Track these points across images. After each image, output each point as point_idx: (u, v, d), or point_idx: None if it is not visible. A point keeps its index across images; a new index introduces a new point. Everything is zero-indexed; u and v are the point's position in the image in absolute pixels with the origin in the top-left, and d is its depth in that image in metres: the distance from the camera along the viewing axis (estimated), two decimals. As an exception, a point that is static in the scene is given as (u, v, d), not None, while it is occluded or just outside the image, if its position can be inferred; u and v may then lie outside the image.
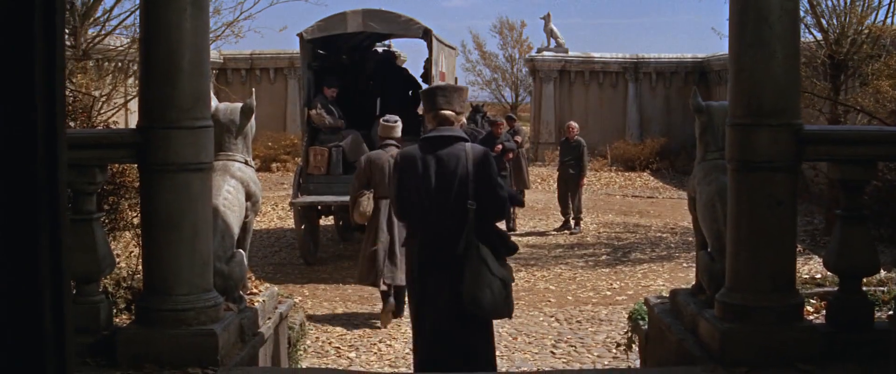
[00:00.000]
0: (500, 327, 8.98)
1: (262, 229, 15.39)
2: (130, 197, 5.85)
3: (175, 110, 4.11)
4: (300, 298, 9.83)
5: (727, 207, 4.52)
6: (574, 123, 16.19)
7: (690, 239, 14.77)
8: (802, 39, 5.82)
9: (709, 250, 4.90)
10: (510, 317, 4.81)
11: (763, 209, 4.18)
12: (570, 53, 26.46)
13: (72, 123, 6.03)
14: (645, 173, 24.24)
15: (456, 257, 4.34)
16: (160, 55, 4.08)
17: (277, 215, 16.80)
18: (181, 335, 4.18)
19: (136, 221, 5.59)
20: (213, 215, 4.81)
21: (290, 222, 14.41)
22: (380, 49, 14.81)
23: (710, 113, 4.96)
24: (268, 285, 5.80)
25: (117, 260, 6.73)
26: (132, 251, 6.28)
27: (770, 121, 4.14)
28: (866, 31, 13.99)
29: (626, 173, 24.22)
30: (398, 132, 9.00)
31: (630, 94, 26.41)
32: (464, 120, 4.41)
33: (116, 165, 5.68)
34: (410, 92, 13.54)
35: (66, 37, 12.94)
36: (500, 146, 15.00)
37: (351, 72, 14.62)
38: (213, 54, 19.26)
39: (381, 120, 9.35)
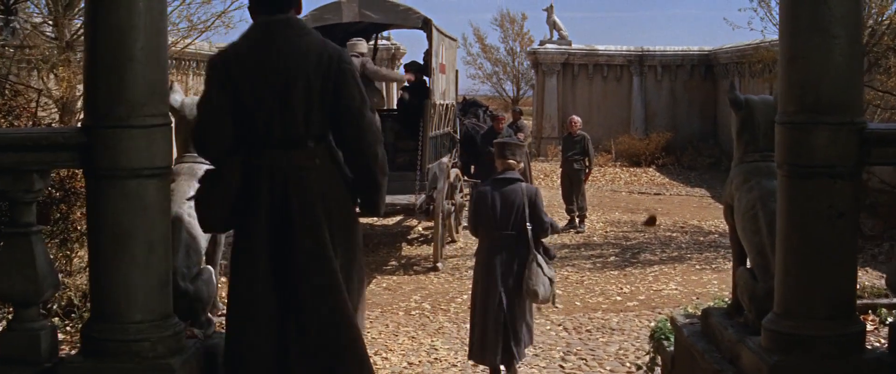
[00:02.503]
0: (505, 337, 8.42)
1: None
2: (83, 205, 5.21)
3: (124, 106, 3.46)
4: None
5: (772, 216, 3.89)
6: (576, 117, 15.57)
7: (701, 239, 14.22)
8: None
9: (749, 266, 4.26)
10: (554, 304, 7.30)
11: (820, 222, 3.55)
12: (574, 46, 25.84)
13: (14, 122, 5.40)
14: (650, 169, 23.63)
15: (514, 261, 6.49)
16: (106, 40, 3.44)
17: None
18: (134, 371, 3.54)
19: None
20: (176, 227, 4.19)
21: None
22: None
23: (751, 108, 4.32)
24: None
25: (82, 270, 6.15)
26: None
27: (829, 118, 3.50)
28: (887, 22, 13.39)
29: (632, 169, 23.61)
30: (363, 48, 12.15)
31: (635, 87, 25.83)
32: (522, 165, 6.99)
33: (66, 169, 5.04)
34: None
35: (50, 28, 12.31)
36: None
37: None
38: (205, 46, 18.57)
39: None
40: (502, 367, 6.61)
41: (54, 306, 6.34)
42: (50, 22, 12.21)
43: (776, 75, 13.33)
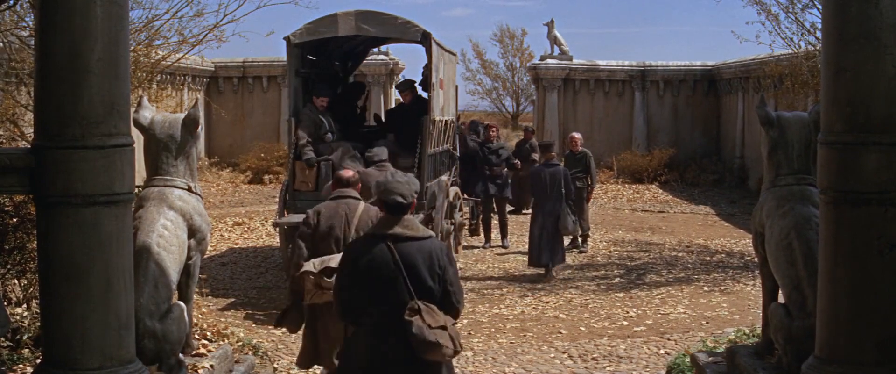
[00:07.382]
0: (507, 366, 8.01)
1: (250, 248, 14.38)
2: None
3: (78, 124, 3.04)
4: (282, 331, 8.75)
5: (809, 246, 3.47)
6: (577, 135, 14.97)
7: (708, 258, 13.76)
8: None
9: (783, 301, 3.83)
10: (575, 234, 13.56)
11: (870, 255, 3.13)
12: (575, 61, 25.45)
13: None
14: (653, 186, 23.23)
15: (555, 210, 11.79)
16: (59, 50, 3.02)
17: (266, 231, 15.77)
18: (88, 425, 3.12)
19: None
20: (144, 259, 3.76)
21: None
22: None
23: (783, 126, 3.89)
24: (221, 342, 4.70)
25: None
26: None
27: (881, 138, 3.08)
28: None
29: (634, 186, 23.22)
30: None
31: (637, 103, 25.43)
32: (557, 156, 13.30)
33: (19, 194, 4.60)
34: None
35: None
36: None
37: (344, 80, 13.55)
38: (200, 61, 18.17)
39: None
40: (547, 266, 11.79)
41: (25, 337, 5.91)
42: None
43: (784, 90, 12.83)
